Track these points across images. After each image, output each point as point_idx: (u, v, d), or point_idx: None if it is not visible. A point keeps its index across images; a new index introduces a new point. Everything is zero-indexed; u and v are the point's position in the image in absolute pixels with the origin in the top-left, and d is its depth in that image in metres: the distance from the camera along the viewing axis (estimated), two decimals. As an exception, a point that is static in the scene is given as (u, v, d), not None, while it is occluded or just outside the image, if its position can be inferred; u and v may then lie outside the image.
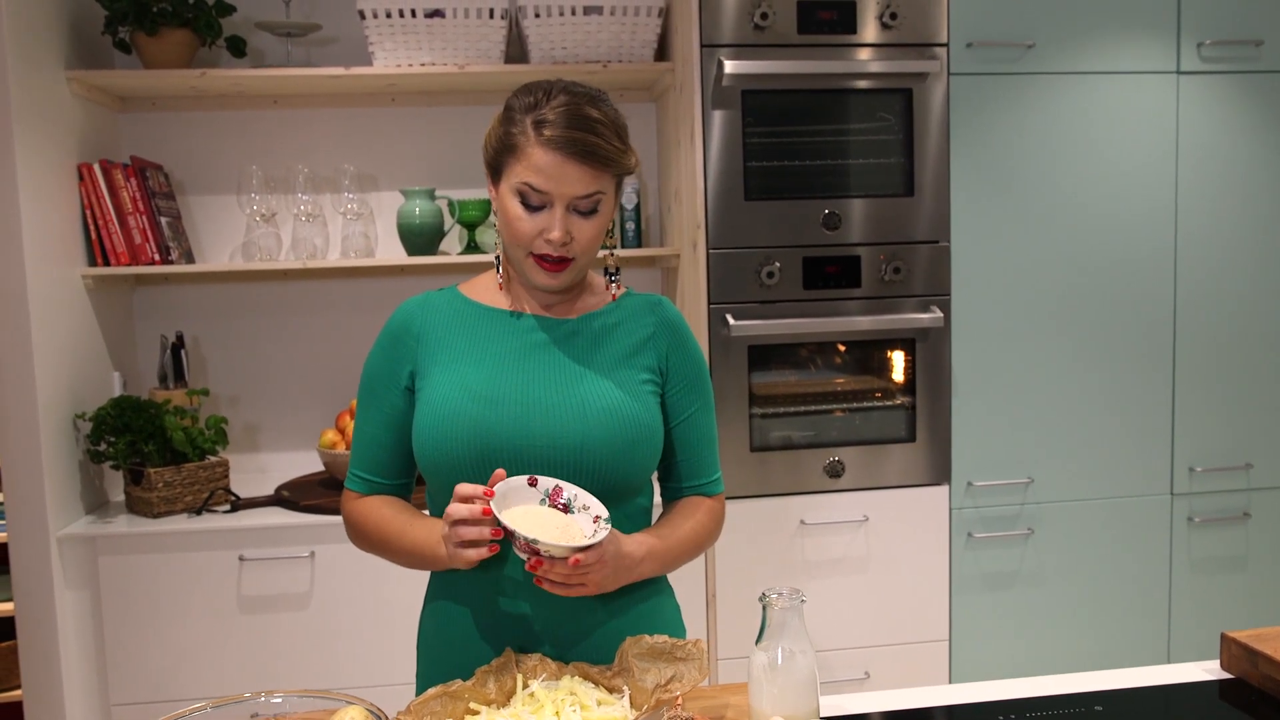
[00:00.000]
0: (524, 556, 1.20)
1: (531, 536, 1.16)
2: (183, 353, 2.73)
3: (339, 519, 2.40)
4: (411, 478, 1.48)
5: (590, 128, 1.29)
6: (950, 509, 2.68)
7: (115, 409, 2.46)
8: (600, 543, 1.22)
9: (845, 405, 2.67)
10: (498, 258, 1.45)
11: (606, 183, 1.33)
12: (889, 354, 2.67)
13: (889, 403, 2.67)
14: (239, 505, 2.53)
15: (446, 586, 1.44)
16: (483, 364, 1.38)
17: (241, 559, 2.41)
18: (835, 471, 2.62)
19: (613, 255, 1.47)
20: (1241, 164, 2.73)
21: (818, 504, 2.63)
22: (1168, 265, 2.73)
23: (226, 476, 2.59)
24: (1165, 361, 2.75)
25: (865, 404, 2.67)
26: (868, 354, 2.69)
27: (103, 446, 2.48)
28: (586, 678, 1.26)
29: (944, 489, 2.68)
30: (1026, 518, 2.72)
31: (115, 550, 2.38)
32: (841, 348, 2.68)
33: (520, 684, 1.24)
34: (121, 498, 2.67)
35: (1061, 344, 2.71)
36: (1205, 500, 2.80)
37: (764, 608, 1.17)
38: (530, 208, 1.32)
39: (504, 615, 1.37)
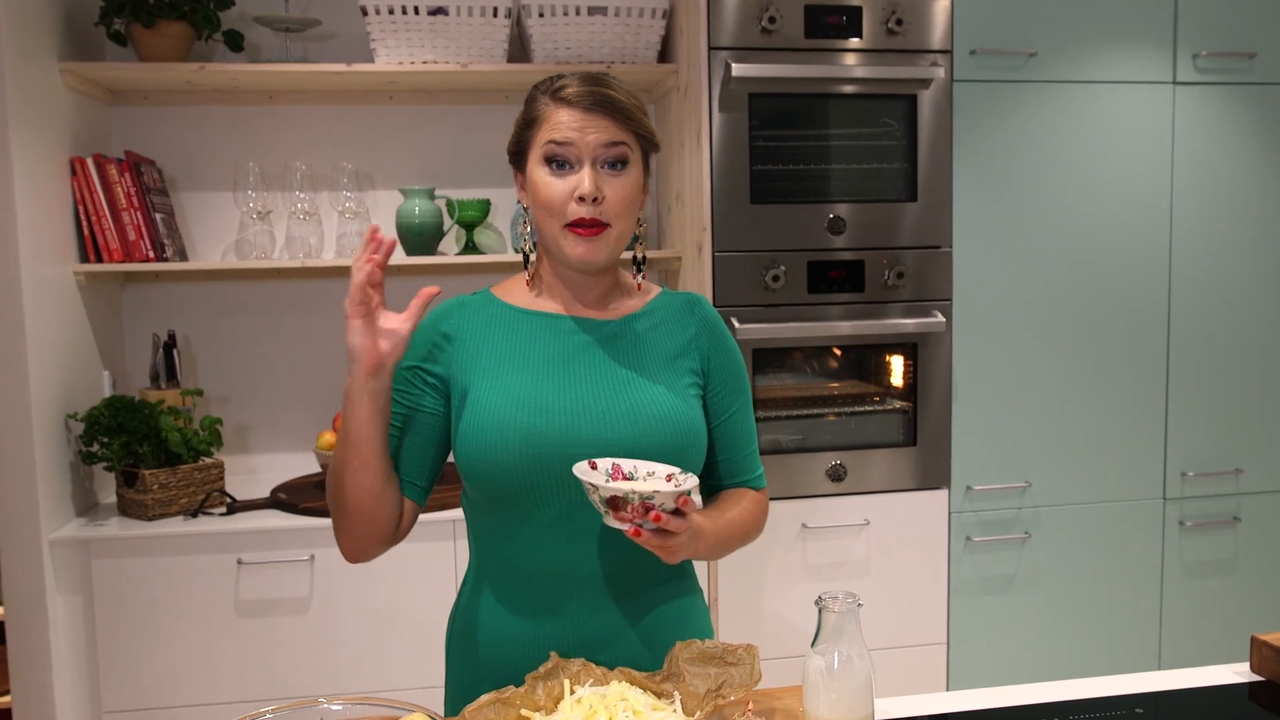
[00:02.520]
0: (625, 525, 1.17)
1: (648, 491, 1.16)
2: (175, 352, 2.67)
3: (339, 522, 2.39)
4: (424, 483, 1.40)
5: (606, 84, 1.34)
6: (949, 513, 2.70)
7: (109, 409, 2.40)
8: (695, 484, 1.23)
9: (847, 409, 2.68)
10: (526, 256, 1.42)
11: (630, 140, 1.34)
12: (891, 358, 2.69)
13: (890, 407, 2.69)
14: (235, 508, 2.48)
15: (479, 585, 1.41)
16: (527, 370, 1.35)
17: (240, 562, 2.36)
18: (837, 475, 2.62)
19: (641, 244, 1.45)
20: (1234, 173, 2.78)
21: (820, 507, 2.63)
22: (1162, 272, 2.77)
23: (222, 478, 2.54)
24: (1159, 367, 2.79)
25: (867, 408, 2.68)
26: (870, 358, 2.70)
27: (95, 448, 2.42)
28: (633, 683, 1.24)
29: (943, 493, 2.69)
30: (1024, 522, 2.74)
31: (109, 554, 2.33)
32: (844, 352, 2.69)
33: (567, 690, 1.22)
34: (112, 500, 2.61)
35: (1058, 349, 2.73)
36: (1196, 505, 2.84)
37: (820, 611, 1.16)
38: (558, 169, 1.32)
39: (539, 616, 1.35)
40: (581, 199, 1.30)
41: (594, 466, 1.26)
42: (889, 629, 2.68)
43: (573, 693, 1.21)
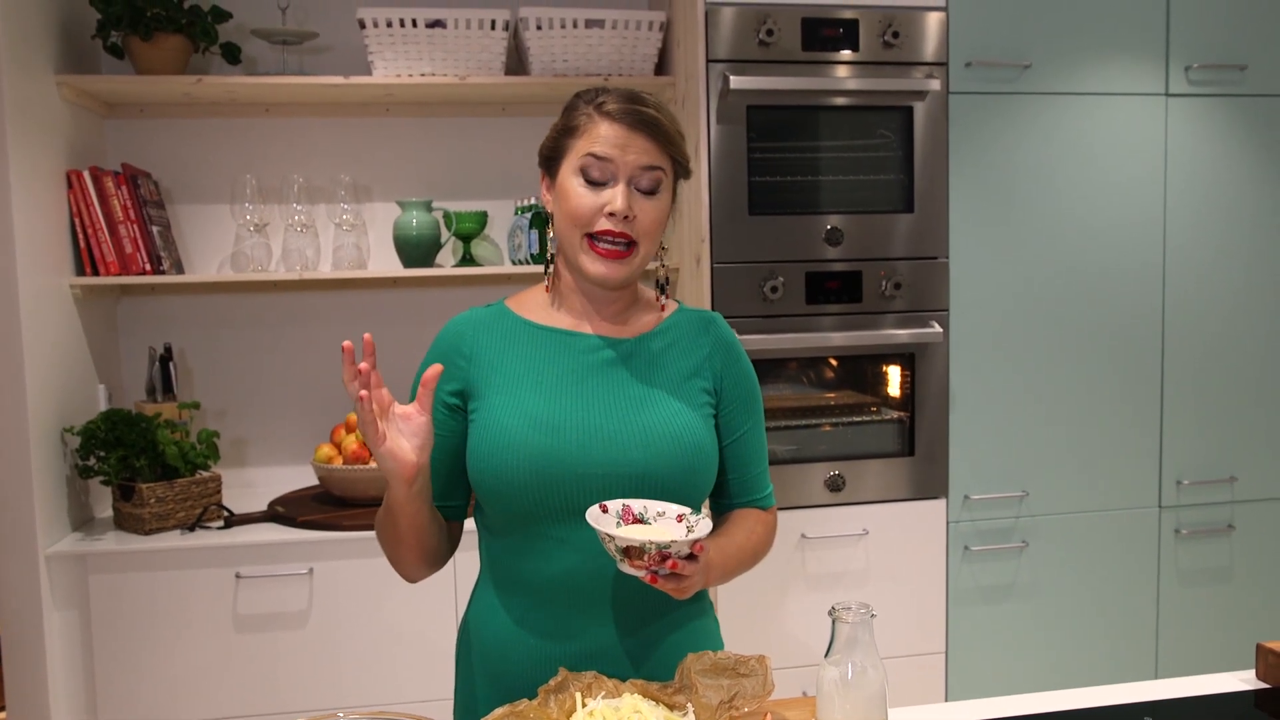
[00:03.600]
0: (640, 572, 1.18)
1: (665, 541, 1.16)
2: (171, 365, 2.66)
3: (337, 535, 2.39)
4: (460, 500, 1.44)
5: (650, 105, 1.34)
6: (947, 522, 2.70)
7: (106, 423, 2.39)
8: (709, 529, 1.24)
9: (845, 419, 2.68)
10: (548, 263, 1.42)
11: (666, 165, 1.34)
12: (888, 369, 2.70)
13: (888, 417, 2.69)
14: (233, 521, 2.47)
15: (491, 598, 1.41)
16: (540, 388, 1.35)
17: (238, 576, 2.35)
18: (836, 485, 2.63)
19: (664, 267, 1.46)
20: (1226, 184, 2.80)
21: (818, 518, 2.63)
22: (1156, 281, 2.79)
23: (219, 492, 2.53)
24: (1154, 377, 2.81)
25: (865, 418, 2.69)
26: (867, 368, 2.71)
27: (92, 461, 2.41)
28: (646, 695, 1.24)
29: (941, 503, 2.70)
30: (1021, 531, 2.75)
31: (106, 568, 2.31)
32: (841, 362, 2.70)
33: (580, 702, 1.22)
34: (108, 514, 2.59)
35: (1054, 359, 2.75)
36: (1191, 513, 2.86)
37: (833, 622, 1.16)
38: (592, 183, 1.32)
39: (552, 631, 1.35)
40: (612, 214, 1.31)
41: (605, 509, 1.25)
42: (888, 638, 2.68)
43: (585, 705, 1.21)
